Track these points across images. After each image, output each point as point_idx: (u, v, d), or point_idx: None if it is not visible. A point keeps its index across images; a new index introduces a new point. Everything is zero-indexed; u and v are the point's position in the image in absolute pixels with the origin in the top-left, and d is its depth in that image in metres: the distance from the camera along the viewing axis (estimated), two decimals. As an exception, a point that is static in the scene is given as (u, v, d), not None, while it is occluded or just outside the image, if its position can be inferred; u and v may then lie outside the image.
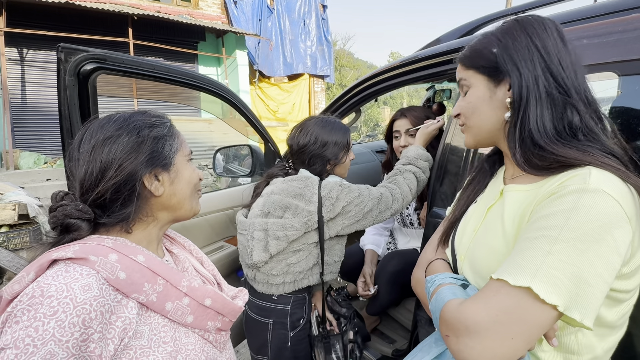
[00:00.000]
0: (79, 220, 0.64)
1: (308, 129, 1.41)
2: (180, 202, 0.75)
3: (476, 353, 0.54)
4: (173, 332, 0.65)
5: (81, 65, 1.09)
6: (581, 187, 0.55)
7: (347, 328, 1.48)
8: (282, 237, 1.28)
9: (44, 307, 0.52)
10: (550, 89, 0.64)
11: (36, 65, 6.86)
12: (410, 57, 1.58)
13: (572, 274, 0.52)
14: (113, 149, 0.66)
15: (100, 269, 0.58)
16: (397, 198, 1.40)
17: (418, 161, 1.50)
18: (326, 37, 10.56)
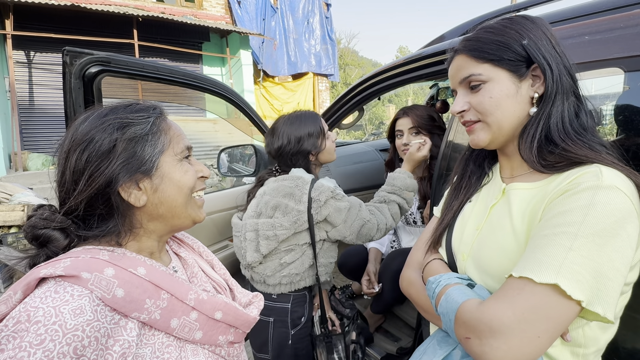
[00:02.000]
0: (47, 230, 0.57)
1: (279, 131, 1.41)
2: (171, 211, 0.64)
3: (502, 354, 0.53)
4: (179, 352, 0.59)
5: (86, 68, 1.10)
6: (596, 184, 0.57)
7: (349, 328, 1.49)
8: (271, 237, 1.29)
9: (30, 335, 0.46)
10: (569, 86, 0.65)
11: (43, 67, 6.94)
12: (413, 55, 1.58)
13: (593, 269, 0.53)
14: (84, 157, 0.58)
15: (94, 287, 0.52)
16: (380, 229, 1.38)
17: (404, 192, 1.48)
18: (330, 35, 10.56)
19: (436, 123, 1.77)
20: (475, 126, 0.73)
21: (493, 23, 0.72)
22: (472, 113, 0.73)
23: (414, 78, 1.61)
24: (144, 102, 0.67)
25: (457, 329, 0.61)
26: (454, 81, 0.76)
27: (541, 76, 0.67)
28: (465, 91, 0.74)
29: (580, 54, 0.91)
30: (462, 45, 0.73)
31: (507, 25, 0.69)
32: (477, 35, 0.72)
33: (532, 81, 0.68)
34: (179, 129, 0.69)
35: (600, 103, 0.90)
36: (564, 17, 1.09)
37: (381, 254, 1.89)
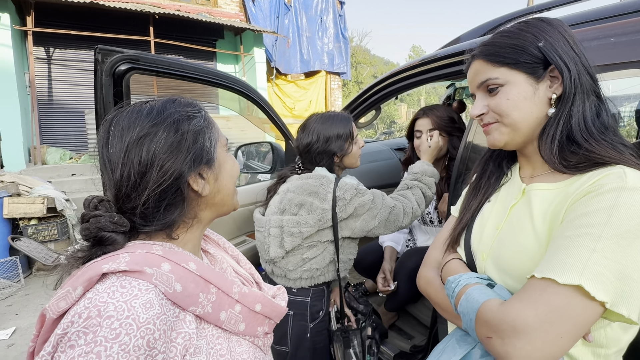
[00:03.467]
0: (113, 234, 0.57)
1: (310, 128, 1.43)
2: (223, 199, 0.68)
3: (525, 354, 0.54)
4: (227, 342, 0.61)
5: (116, 65, 1.14)
6: (620, 186, 0.57)
7: (365, 324, 1.51)
8: (296, 234, 1.32)
9: (104, 330, 0.46)
10: (589, 86, 0.66)
11: (62, 64, 7.07)
12: (431, 55, 1.59)
13: (617, 270, 0.53)
14: (152, 148, 0.58)
15: (157, 282, 0.53)
16: (407, 213, 1.42)
17: (424, 177, 1.52)
18: (343, 33, 10.54)
19: (456, 124, 1.78)
20: (492, 127, 0.75)
21: (509, 27, 0.74)
22: (490, 115, 0.74)
23: (431, 78, 1.61)
24: (184, 98, 0.68)
25: (478, 328, 0.61)
26: (472, 86, 0.78)
27: (559, 77, 0.68)
28: (483, 95, 0.75)
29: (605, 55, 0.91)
30: (479, 50, 0.74)
31: (523, 29, 0.70)
32: (493, 39, 0.73)
33: (550, 82, 0.69)
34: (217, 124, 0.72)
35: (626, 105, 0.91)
36: (589, 19, 1.09)
37: (396, 252, 1.90)
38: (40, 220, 4.10)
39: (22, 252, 3.75)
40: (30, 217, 4.04)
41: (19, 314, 3.25)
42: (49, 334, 0.50)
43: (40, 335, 0.52)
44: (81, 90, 7.17)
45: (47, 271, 4.08)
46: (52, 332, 0.49)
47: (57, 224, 4.13)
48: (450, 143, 1.74)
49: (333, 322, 1.47)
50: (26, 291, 3.71)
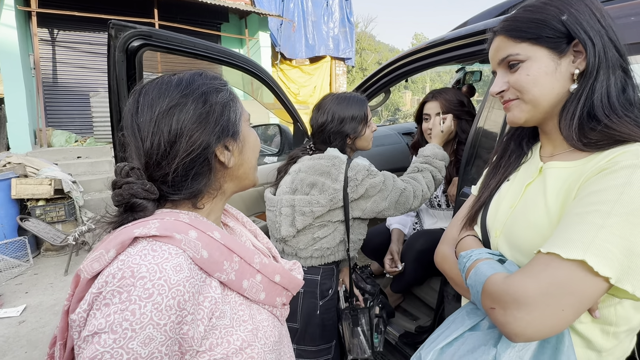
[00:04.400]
0: (144, 201, 0.59)
1: (325, 107, 1.44)
2: (246, 172, 0.70)
3: (524, 324, 0.55)
4: (249, 310, 0.63)
5: (130, 41, 1.13)
6: (634, 163, 0.56)
7: (373, 303, 1.54)
8: (307, 213, 1.33)
9: (137, 289, 0.49)
10: (615, 60, 0.64)
11: (66, 45, 7.02)
12: (442, 37, 1.57)
13: (624, 247, 0.53)
14: (182, 119, 0.60)
15: (186, 247, 0.55)
16: (417, 196, 1.43)
17: (435, 160, 1.52)
18: (349, 18, 10.39)
19: (465, 108, 1.77)
20: (512, 104, 0.73)
21: (533, 1, 0.72)
22: (510, 92, 0.73)
23: (441, 61, 1.60)
24: (209, 71, 0.69)
25: (483, 300, 0.63)
26: (493, 62, 0.76)
27: (583, 52, 0.66)
28: (504, 71, 0.74)
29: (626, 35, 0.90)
30: (501, 26, 0.73)
31: (547, 2, 0.68)
32: (515, 15, 0.71)
33: (574, 57, 0.67)
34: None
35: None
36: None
37: (404, 234, 1.92)
38: (47, 202, 4.14)
39: (31, 233, 3.81)
40: (38, 198, 4.08)
41: (29, 292, 3.32)
42: (83, 293, 0.52)
43: (74, 294, 0.54)
44: (86, 73, 7.13)
45: (55, 251, 4.13)
46: (87, 292, 0.51)
47: (64, 205, 4.17)
48: (459, 127, 1.74)
49: (342, 300, 1.50)
50: (35, 270, 3.77)
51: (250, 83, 1.88)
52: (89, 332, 0.48)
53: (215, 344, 0.56)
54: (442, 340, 0.74)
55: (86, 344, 0.48)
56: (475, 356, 0.67)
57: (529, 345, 0.64)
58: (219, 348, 0.56)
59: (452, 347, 0.73)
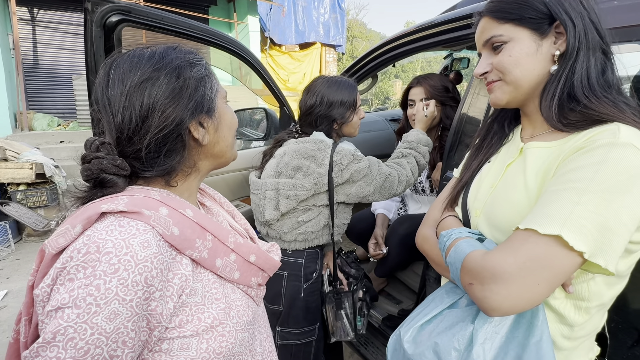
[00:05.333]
0: (114, 177, 0.58)
1: (315, 90, 1.43)
2: (222, 150, 0.69)
3: (501, 298, 0.56)
4: (222, 288, 0.63)
5: (107, 16, 1.10)
6: (611, 141, 0.57)
7: (357, 287, 1.55)
8: (292, 197, 1.33)
9: (102, 265, 0.48)
10: (596, 42, 0.64)
11: (47, 26, 6.79)
12: (429, 21, 1.56)
13: (598, 223, 0.54)
14: (153, 93, 0.58)
15: (155, 224, 0.54)
16: (402, 181, 1.43)
17: (419, 146, 1.53)
18: (340, 4, 10.25)
19: (449, 94, 1.77)
20: (495, 85, 0.74)
21: None
22: (493, 73, 0.74)
23: (430, 45, 1.59)
24: (185, 46, 0.67)
25: (462, 276, 0.64)
26: (478, 44, 0.77)
27: (564, 33, 0.66)
28: (488, 53, 0.75)
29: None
30: (486, 7, 0.73)
31: None
32: None
33: (555, 38, 0.68)
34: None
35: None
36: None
37: (388, 219, 1.93)
38: (29, 186, 4.05)
39: (12, 218, 3.73)
40: (19, 182, 3.99)
41: (10, 277, 3.26)
42: (48, 268, 0.51)
43: (39, 269, 0.53)
44: (69, 55, 6.92)
45: (37, 237, 4.06)
46: (52, 267, 0.50)
47: (46, 190, 4.08)
48: (444, 112, 1.74)
49: (326, 284, 1.51)
50: (17, 256, 3.71)
51: (238, 68, 1.85)
52: (52, 307, 0.47)
53: (185, 321, 0.56)
54: (421, 317, 0.76)
55: (49, 319, 0.47)
56: (453, 332, 0.68)
57: (505, 321, 0.65)
58: (189, 325, 0.56)
59: (431, 324, 0.74)
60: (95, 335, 0.46)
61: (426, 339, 0.72)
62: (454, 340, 0.67)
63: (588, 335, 0.69)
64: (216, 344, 0.58)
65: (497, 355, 0.63)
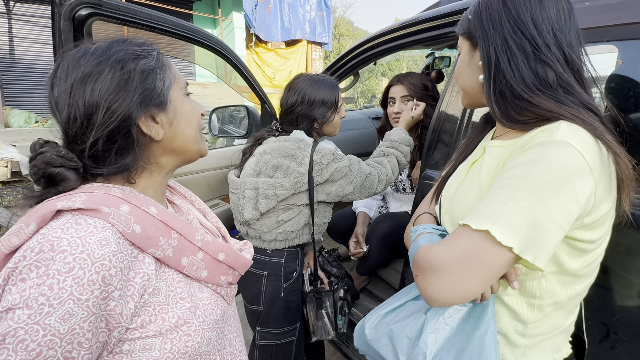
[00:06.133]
0: (63, 169, 0.55)
1: (296, 88, 1.41)
2: (183, 145, 0.66)
3: (437, 289, 0.59)
4: (188, 287, 0.62)
5: (76, 9, 1.06)
6: (547, 139, 0.58)
7: (338, 286, 1.55)
8: (271, 196, 1.31)
9: (56, 263, 0.47)
10: (523, 45, 0.65)
11: (24, 19, 6.59)
12: (410, 20, 1.56)
13: (529, 219, 0.55)
14: (97, 88, 0.56)
15: (114, 221, 0.52)
16: (382, 180, 1.43)
17: (401, 145, 1.53)
18: (326, 2, 10.22)
19: (429, 92, 1.78)
20: None
21: None
22: None
23: (410, 43, 1.59)
24: (137, 38, 0.65)
25: (412, 268, 0.67)
26: None
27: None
28: None
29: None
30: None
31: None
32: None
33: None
34: (175, 66, 0.69)
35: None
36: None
37: (369, 218, 1.93)
38: (4, 185, 3.92)
39: (-14, 217, 3.60)
40: (-7, 180, 3.86)
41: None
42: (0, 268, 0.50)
43: None
44: (47, 49, 6.73)
45: (13, 237, 3.94)
46: (4, 267, 0.49)
47: (22, 188, 3.96)
48: (423, 111, 1.75)
49: (306, 284, 1.50)
50: (-9, 257, 3.59)
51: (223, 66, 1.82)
52: (3, 308, 0.46)
53: (148, 321, 0.55)
54: (386, 307, 0.81)
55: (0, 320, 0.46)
56: (407, 321, 0.74)
57: (457, 314, 0.69)
58: (152, 325, 0.55)
59: (393, 313, 0.79)
60: (48, 336, 0.45)
61: (384, 326, 0.77)
62: (407, 329, 0.72)
63: (547, 335, 0.69)
64: (181, 343, 0.57)
65: (445, 346, 0.67)
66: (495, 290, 0.65)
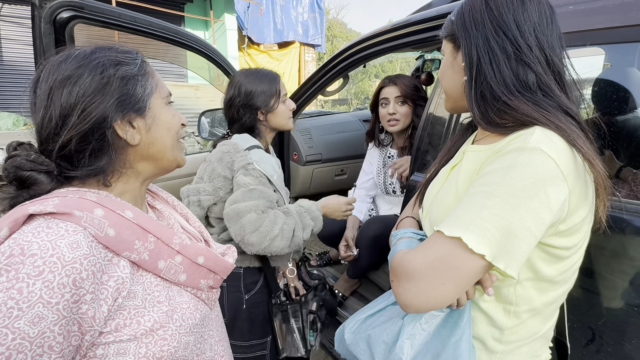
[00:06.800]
0: (33, 173, 0.56)
1: (233, 82, 1.36)
2: (160, 152, 0.67)
3: (412, 295, 0.59)
4: (167, 291, 0.62)
5: (57, 12, 1.04)
6: (521, 146, 0.58)
7: (309, 298, 1.48)
8: (195, 202, 1.25)
9: (26, 267, 0.47)
10: (505, 46, 0.65)
11: (12, 20, 6.51)
12: (399, 22, 1.56)
13: (501, 226, 0.55)
14: (74, 91, 0.57)
15: (87, 225, 0.53)
16: (261, 230, 1.18)
17: (306, 216, 1.30)
18: (319, 4, 10.23)
19: (420, 93, 1.79)
20: None
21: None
22: None
23: (400, 45, 1.59)
24: (123, 46, 0.66)
25: (390, 274, 0.66)
26: None
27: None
28: None
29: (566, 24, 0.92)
30: None
31: (462, 1, 0.73)
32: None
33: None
34: (159, 76, 0.70)
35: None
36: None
37: (359, 221, 1.93)
38: (-9, 189, 3.86)
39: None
40: (-20, 185, 3.79)
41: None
42: None
43: None
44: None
45: (0, 242, 3.88)
46: None
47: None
48: (415, 113, 1.76)
49: (277, 296, 1.41)
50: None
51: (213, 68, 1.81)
52: None
53: (122, 325, 0.55)
54: (366, 312, 0.81)
55: None
56: (385, 326, 0.74)
57: (434, 320, 0.69)
58: (127, 329, 0.55)
59: (372, 318, 0.79)
60: (17, 340, 0.45)
61: (363, 331, 0.77)
62: (384, 334, 0.73)
63: (524, 341, 0.69)
64: (156, 348, 0.58)
65: (420, 351, 0.67)
66: (471, 297, 0.64)
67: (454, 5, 1.36)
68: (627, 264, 0.80)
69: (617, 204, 0.79)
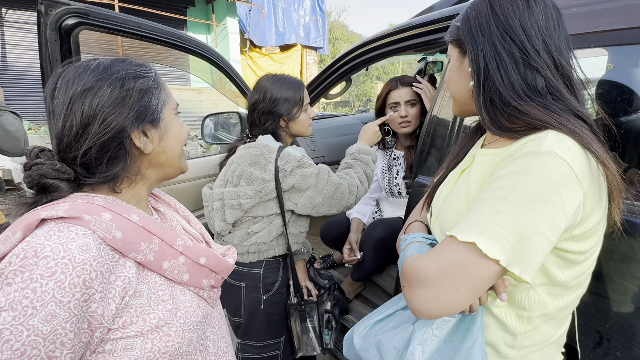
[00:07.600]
0: (56, 181, 0.60)
1: (259, 86, 1.38)
2: (169, 160, 0.71)
3: (424, 301, 0.58)
4: (170, 290, 0.65)
5: (63, 19, 1.05)
6: (534, 150, 0.57)
7: (324, 298, 1.50)
8: (236, 206, 1.27)
9: (39, 268, 0.50)
10: (512, 51, 0.64)
11: (16, 26, 6.57)
12: (401, 25, 1.56)
13: (516, 231, 0.54)
14: (95, 102, 0.61)
15: (96, 228, 0.56)
16: (352, 191, 1.36)
17: (362, 155, 1.46)
18: (320, 6, 10.27)
19: None
20: None
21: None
22: None
23: (402, 48, 1.59)
24: (136, 59, 0.70)
25: (400, 279, 0.66)
26: None
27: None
28: None
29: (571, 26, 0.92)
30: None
31: (466, 6, 0.73)
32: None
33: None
34: (169, 87, 0.74)
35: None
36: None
37: (363, 224, 1.92)
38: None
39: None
40: (-15, 189, 3.82)
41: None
42: None
43: None
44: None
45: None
46: None
47: (15, 197, 3.93)
48: (420, 111, 1.76)
49: (291, 295, 1.44)
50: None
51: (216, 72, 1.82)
52: None
53: (129, 322, 0.58)
54: (375, 316, 0.80)
55: None
56: (396, 332, 0.73)
57: (445, 325, 0.68)
58: (134, 326, 0.58)
59: (381, 323, 0.79)
60: (31, 336, 0.48)
61: (373, 336, 0.77)
62: (394, 340, 0.72)
63: (537, 346, 0.68)
64: (161, 343, 0.60)
65: (432, 358, 0.67)
66: (483, 302, 0.64)
67: (457, 8, 1.36)
68: (635, 267, 0.80)
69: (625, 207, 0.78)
